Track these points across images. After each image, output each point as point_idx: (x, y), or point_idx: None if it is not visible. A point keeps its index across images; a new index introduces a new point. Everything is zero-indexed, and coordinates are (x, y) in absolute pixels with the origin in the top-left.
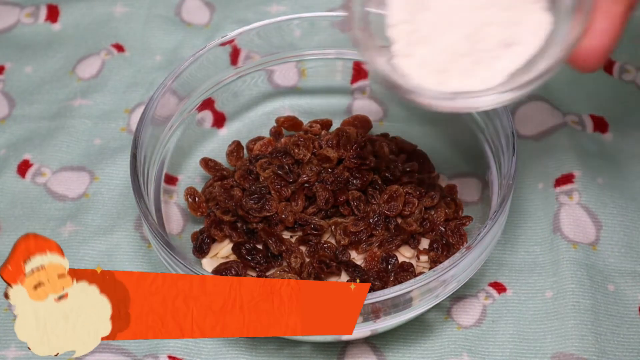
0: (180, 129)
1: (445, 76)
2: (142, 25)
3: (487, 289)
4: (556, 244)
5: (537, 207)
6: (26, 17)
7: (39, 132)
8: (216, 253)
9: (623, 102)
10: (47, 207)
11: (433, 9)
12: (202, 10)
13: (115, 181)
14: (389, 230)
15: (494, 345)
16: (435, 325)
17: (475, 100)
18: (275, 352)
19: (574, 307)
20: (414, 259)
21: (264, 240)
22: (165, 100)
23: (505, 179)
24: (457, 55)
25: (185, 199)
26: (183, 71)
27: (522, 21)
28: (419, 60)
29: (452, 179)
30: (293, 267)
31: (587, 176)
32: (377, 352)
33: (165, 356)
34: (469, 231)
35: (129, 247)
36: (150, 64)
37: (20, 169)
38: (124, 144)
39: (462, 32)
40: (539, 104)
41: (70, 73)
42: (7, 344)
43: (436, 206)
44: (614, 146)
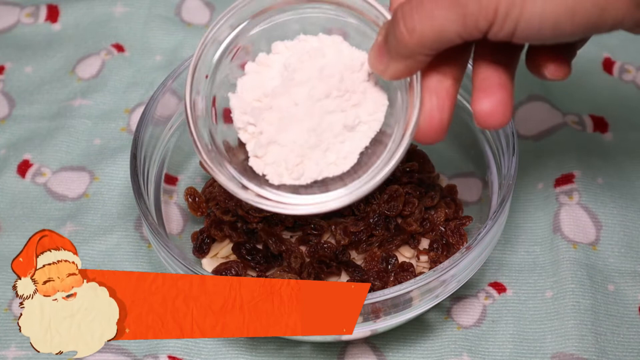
0: (180, 129)
1: (300, 169)
2: (142, 25)
3: (487, 289)
4: (556, 244)
5: (537, 207)
6: (26, 17)
7: (39, 132)
8: (216, 253)
9: (623, 102)
10: (47, 207)
11: (275, 108)
12: (202, 10)
13: (115, 181)
14: (389, 230)
15: (494, 345)
16: (435, 325)
17: (325, 205)
18: (275, 352)
19: (574, 307)
20: (414, 259)
21: (264, 240)
22: (165, 100)
23: (505, 179)
24: (305, 149)
25: (185, 199)
26: (183, 71)
27: (360, 103)
28: (272, 159)
29: (452, 179)
30: (293, 267)
31: (587, 176)
32: (377, 352)
33: (165, 356)
34: (469, 231)
35: (129, 247)
36: (150, 64)
37: (20, 169)
38: (124, 144)
39: (305, 126)
40: (539, 104)
41: (70, 73)
42: (7, 344)
43: (436, 206)
44: (614, 146)
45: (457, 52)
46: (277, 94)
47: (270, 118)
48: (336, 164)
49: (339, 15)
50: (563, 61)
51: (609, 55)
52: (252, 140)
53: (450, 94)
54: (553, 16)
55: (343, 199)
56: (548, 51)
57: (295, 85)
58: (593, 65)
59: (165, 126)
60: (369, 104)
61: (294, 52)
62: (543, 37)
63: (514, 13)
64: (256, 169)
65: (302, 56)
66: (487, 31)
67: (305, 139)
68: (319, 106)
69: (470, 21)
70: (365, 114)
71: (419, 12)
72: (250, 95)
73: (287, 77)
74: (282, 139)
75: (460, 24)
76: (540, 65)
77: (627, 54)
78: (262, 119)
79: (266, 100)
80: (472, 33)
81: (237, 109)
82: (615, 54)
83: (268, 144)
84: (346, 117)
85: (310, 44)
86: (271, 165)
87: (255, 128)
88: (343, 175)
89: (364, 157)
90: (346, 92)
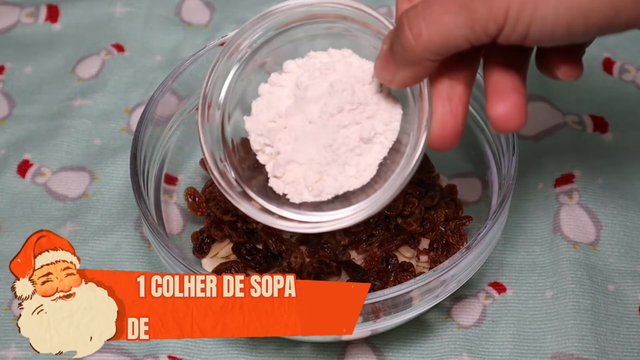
0: (180, 129)
1: (319, 185)
2: (142, 25)
3: (487, 289)
4: (556, 244)
5: (537, 207)
6: (26, 17)
7: (39, 132)
8: (216, 253)
9: (623, 102)
10: (47, 207)
11: (290, 128)
12: (202, 10)
13: (115, 181)
14: (389, 230)
15: (494, 345)
16: (435, 325)
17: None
18: (275, 352)
19: (574, 307)
20: (414, 259)
21: (264, 240)
22: (165, 100)
23: (505, 179)
24: (323, 165)
25: (185, 199)
26: (183, 71)
27: (375, 114)
28: (291, 178)
29: (452, 179)
30: (293, 267)
31: (587, 176)
32: (377, 352)
33: (165, 356)
34: (469, 231)
35: (129, 247)
36: (150, 64)
37: (20, 169)
38: (124, 144)
39: (321, 142)
40: (539, 104)
41: (70, 73)
42: (7, 344)
43: (436, 206)
44: (614, 146)
45: (467, 57)
46: (290, 114)
47: (285, 138)
48: (356, 177)
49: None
50: (575, 61)
51: (609, 55)
52: (271, 161)
53: (463, 99)
54: (566, 18)
55: (364, 212)
56: (559, 52)
57: (308, 103)
58: (593, 65)
59: (165, 126)
60: (384, 115)
61: (305, 69)
62: (556, 39)
63: (526, 16)
64: (276, 189)
65: (313, 73)
66: (496, 36)
67: (322, 155)
68: (333, 121)
69: (479, 26)
70: (381, 124)
71: (426, 17)
72: (265, 116)
73: (300, 95)
74: (299, 158)
75: (468, 28)
76: (551, 66)
77: (627, 54)
78: (278, 139)
79: (280, 120)
80: (480, 38)
81: (252, 132)
82: (615, 54)
83: (286, 163)
84: (362, 129)
85: (320, 60)
86: (291, 184)
87: (272, 149)
88: (363, 187)
89: (382, 167)
90: (359, 104)
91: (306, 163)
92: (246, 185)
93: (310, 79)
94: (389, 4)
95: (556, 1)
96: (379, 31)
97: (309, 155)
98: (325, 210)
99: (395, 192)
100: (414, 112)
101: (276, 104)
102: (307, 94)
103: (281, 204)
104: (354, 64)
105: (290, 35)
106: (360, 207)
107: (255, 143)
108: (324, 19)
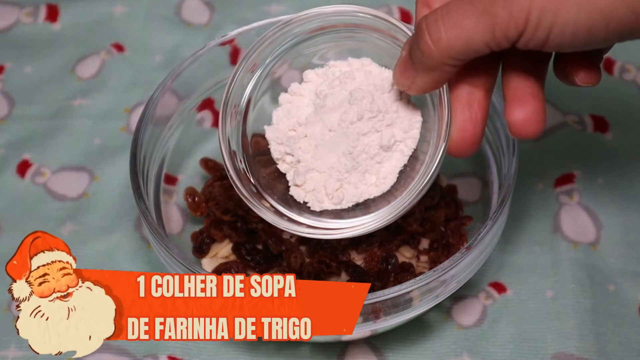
0: (180, 128)
1: (340, 194)
2: (142, 25)
3: (487, 289)
4: (556, 244)
5: (537, 207)
6: (26, 17)
7: (39, 132)
8: (216, 253)
9: (623, 102)
10: (47, 207)
11: (310, 136)
12: (202, 10)
13: (115, 181)
14: (389, 230)
15: (495, 345)
16: (436, 325)
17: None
18: (275, 352)
19: (574, 307)
20: (414, 259)
21: (264, 240)
22: (165, 100)
23: (505, 179)
24: (343, 173)
25: (185, 199)
26: (183, 71)
27: (394, 122)
28: (312, 186)
29: (452, 179)
30: (293, 267)
31: (587, 176)
32: (377, 352)
33: (165, 356)
34: (469, 231)
35: (128, 247)
36: (150, 64)
37: (20, 169)
38: (124, 143)
39: (341, 150)
40: None
41: (70, 73)
42: (7, 344)
43: (436, 206)
44: (614, 146)
45: (487, 63)
46: (310, 122)
47: (306, 146)
48: (376, 185)
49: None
50: (593, 67)
51: (610, 55)
52: (291, 170)
53: (482, 105)
54: (587, 23)
55: (384, 220)
56: (577, 58)
57: (328, 112)
58: None
59: (165, 126)
60: (404, 122)
61: (324, 78)
62: (576, 45)
63: (547, 21)
64: (297, 198)
65: (333, 82)
66: (516, 40)
67: (342, 163)
68: (353, 129)
69: (499, 31)
70: (400, 132)
71: (446, 22)
72: (285, 125)
73: (319, 104)
74: (319, 166)
75: (489, 33)
76: (570, 72)
77: (628, 54)
78: (299, 147)
79: (300, 129)
80: (500, 43)
81: (273, 141)
82: (615, 53)
83: (306, 171)
84: (381, 137)
85: (339, 69)
86: (311, 193)
87: (292, 158)
88: (384, 195)
89: (402, 175)
90: (379, 112)
91: (326, 171)
92: (267, 194)
93: (329, 88)
94: (389, 4)
95: (577, 6)
96: (397, 38)
97: (329, 163)
98: (345, 219)
99: (415, 199)
100: (433, 119)
101: (296, 113)
102: (326, 102)
103: (302, 212)
104: (373, 72)
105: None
106: (380, 214)
107: (275, 152)
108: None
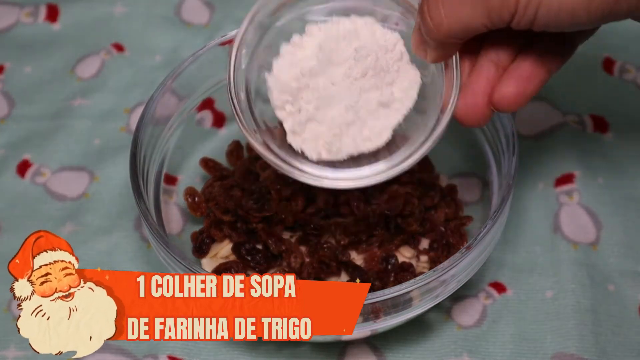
0: (180, 128)
1: (337, 145)
2: (142, 25)
3: (487, 289)
4: (556, 244)
5: (537, 207)
6: (26, 17)
7: (39, 132)
8: (216, 253)
9: (623, 102)
10: (46, 207)
11: (313, 87)
12: (202, 10)
13: (115, 181)
14: (389, 230)
15: (494, 345)
16: (435, 325)
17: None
18: (275, 352)
19: (574, 307)
20: (414, 259)
21: (264, 240)
22: (165, 100)
23: (505, 179)
24: (343, 126)
25: (185, 199)
26: (183, 71)
27: (395, 81)
28: (310, 135)
29: (452, 179)
30: (293, 267)
31: (587, 176)
32: (377, 352)
33: (165, 356)
34: (469, 231)
35: (128, 247)
36: (150, 64)
37: (19, 169)
38: (124, 143)
39: (343, 104)
40: (539, 104)
41: (70, 73)
42: (7, 344)
43: (436, 206)
44: (614, 146)
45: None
46: (314, 74)
47: (308, 97)
48: (370, 140)
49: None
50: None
51: (610, 55)
52: (289, 118)
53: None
54: (570, 4)
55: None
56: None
57: (332, 66)
58: (593, 65)
59: (165, 126)
60: (404, 82)
61: (327, 33)
62: (562, 25)
63: (534, 2)
64: (294, 145)
65: (338, 37)
66: (510, 21)
67: (343, 117)
68: (356, 85)
69: (494, 14)
70: (399, 91)
71: (445, 7)
72: (287, 75)
73: (323, 57)
74: (320, 117)
75: (485, 17)
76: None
77: (628, 54)
78: (300, 97)
79: (303, 79)
80: (496, 24)
81: (275, 89)
82: (615, 53)
83: (307, 121)
84: (381, 94)
85: (343, 26)
86: (309, 142)
87: (292, 107)
88: (378, 153)
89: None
90: (381, 71)
91: (326, 122)
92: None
93: (334, 43)
94: None
95: None
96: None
97: (330, 115)
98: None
99: (414, 161)
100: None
101: (298, 64)
102: (331, 56)
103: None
104: (377, 32)
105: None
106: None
107: (277, 100)
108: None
